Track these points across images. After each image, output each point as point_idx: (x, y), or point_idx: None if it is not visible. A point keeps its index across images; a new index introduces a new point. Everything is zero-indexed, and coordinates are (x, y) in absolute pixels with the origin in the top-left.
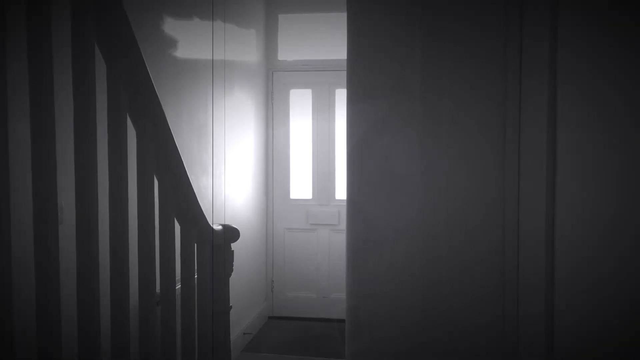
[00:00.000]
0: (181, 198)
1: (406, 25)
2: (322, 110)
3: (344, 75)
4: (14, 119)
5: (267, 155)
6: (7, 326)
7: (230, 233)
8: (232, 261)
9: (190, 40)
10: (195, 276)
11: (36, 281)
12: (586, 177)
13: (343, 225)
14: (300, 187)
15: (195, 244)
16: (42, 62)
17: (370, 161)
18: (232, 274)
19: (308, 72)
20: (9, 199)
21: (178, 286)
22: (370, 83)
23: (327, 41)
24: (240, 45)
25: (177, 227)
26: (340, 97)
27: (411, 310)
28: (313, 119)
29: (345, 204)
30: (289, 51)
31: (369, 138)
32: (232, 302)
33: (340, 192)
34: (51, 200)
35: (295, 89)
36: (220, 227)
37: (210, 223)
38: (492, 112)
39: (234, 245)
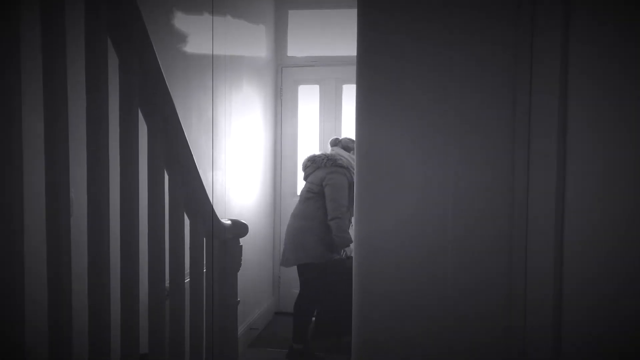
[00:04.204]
0: (191, 192)
1: (417, 21)
2: (329, 106)
3: (351, 70)
4: (28, 112)
5: (276, 151)
6: (19, 315)
7: (239, 228)
8: (241, 256)
9: (201, 35)
10: (204, 270)
11: (48, 272)
12: (596, 178)
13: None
14: None
15: (204, 239)
16: (56, 55)
17: (379, 159)
18: (240, 269)
19: (317, 68)
20: (22, 192)
21: (187, 280)
22: (380, 79)
23: (337, 37)
24: (249, 41)
25: (186, 221)
26: (347, 93)
27: (417, 307)
28: (320, 114)
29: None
30: (298, 47)
31: (378, 135)
32: (239, 297)
33: None
34: (63, 193)
35: (304, 85)
36: (229, 222)
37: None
38: (501, 113)
39: (242, 241)
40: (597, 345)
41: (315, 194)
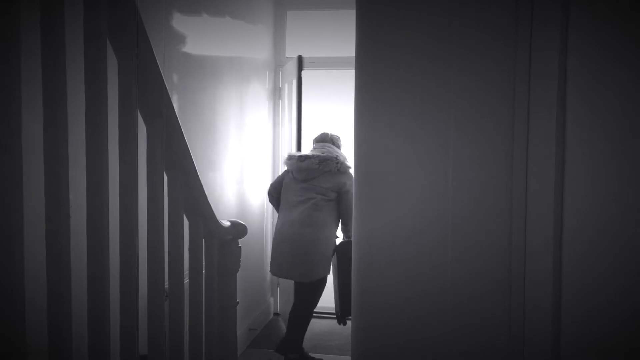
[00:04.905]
0: (190, 193)
1: (416, 19)
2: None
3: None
4: (27, 114)
5: (274, 151)
6: (19, 317)
7: (238, 229)
8: (240, 257)
9: (199, 37)
10: (203, 271)
11: (47, 274)
12: (596, 176)
13: None
14: None
15: (203, 240)
16: (55, 58)
17: (378, 158)
18: (239, 269)
19: (314, 69)
20: (21, 194)
21: (186, 281)
22: (378, 79)
23: (335, 38)
24: (248, 42)
25: (186, 223)
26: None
27: (416, 307)
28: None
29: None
30: (297, 48)
31: (376, 134)
32: (238, 297)
33: None
34: (63, 196)
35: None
36: (228, 223)
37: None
38: (501, 112)
39: (240, 241)
40: (596, 352)
41: (330, 201)
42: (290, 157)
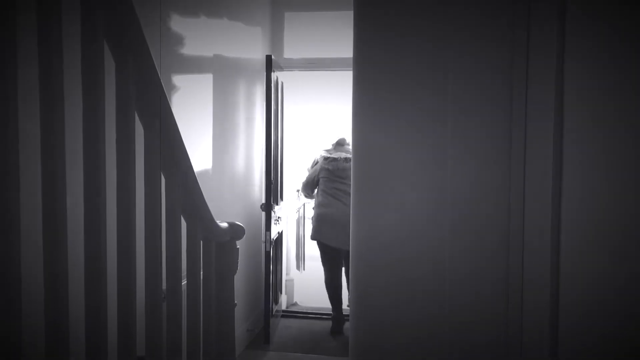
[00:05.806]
0: (187, 194)
1: (414, 20)
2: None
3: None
4: (25, 115)
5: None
6: (15, 318)
7: (236, 230)
8: (237, 258)
9: (196, 37)
10: (201, 273)
11: (45, 276)
12: (593, 174)
13: None
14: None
15: (201, 241)
16: (52, 59)
17: (375, 158)
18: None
19: (313, 71)
20: (19, 195)
21: (183, 282)
22: (376, 80)
23: (333, 39)
24: (245, 43)
25: (183, 224)
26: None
27: (414, 308)
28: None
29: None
30: (295, 49)
31: (374, 135)
32: (236, 298)
33: None
34: (60, 196)
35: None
36: (226, 225)
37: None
38: (498, 111)
39: (238, 243)
40: (594, 352)
41: None
42: (335, 159)
